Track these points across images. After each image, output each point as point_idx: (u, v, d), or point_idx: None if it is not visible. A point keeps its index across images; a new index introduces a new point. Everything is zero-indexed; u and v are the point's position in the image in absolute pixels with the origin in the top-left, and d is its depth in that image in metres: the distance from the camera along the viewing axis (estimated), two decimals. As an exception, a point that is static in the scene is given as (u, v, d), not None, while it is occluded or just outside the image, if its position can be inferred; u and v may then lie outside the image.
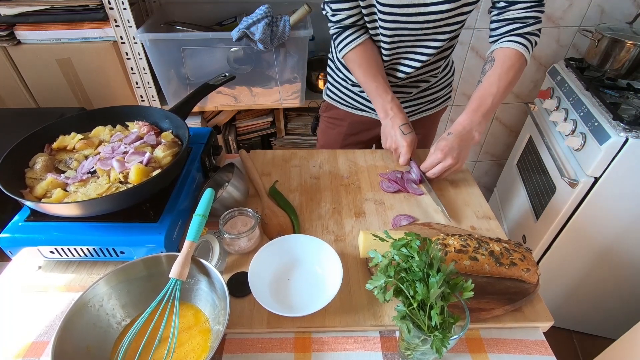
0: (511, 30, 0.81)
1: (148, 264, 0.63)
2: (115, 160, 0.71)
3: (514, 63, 0.81)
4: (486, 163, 2.12)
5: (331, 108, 1.16)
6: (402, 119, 0.90)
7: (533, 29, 0.80)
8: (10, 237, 0.67)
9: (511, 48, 0.80)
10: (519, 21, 0.80)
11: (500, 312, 0.63)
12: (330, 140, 1.20)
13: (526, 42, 0.80)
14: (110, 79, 1.37)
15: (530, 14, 0.79)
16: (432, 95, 1.09)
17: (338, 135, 1.17)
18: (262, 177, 0.94)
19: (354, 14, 0.87)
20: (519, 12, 0.79)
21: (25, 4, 1.21)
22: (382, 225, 0.82)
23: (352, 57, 0.91)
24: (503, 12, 0.81)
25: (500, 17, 0.82)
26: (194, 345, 0.58)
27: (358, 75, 0.93)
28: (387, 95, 0.90)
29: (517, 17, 0.80)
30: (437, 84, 1.07)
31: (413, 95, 1.06)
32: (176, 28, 1.38)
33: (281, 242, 0.72)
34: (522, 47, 0.80)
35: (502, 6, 0.81)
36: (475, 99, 0.83)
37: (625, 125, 1.13)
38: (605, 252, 1.36)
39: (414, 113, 1.12)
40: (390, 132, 0.91)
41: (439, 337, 0.49)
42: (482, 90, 0.82)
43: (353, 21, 0.89)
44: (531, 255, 0.68)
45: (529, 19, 0.79)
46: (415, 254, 0.54)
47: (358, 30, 0.90)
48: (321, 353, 0.60)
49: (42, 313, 0.66)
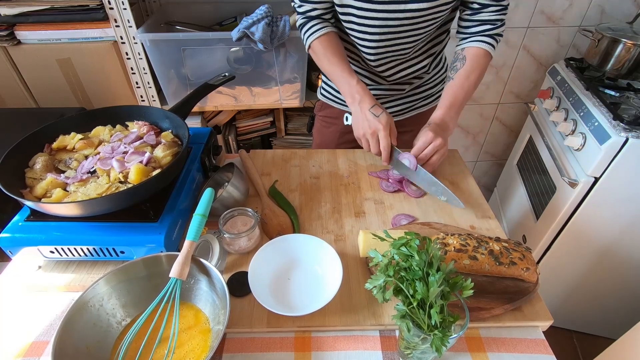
0: (482, 31, 0.87)
1: (148, 263, 0.64)
2: (115, 160, 0.71)
3: (482, 62, 0.88)
4: (486, 163, 2.12)
5: (326, 107, 1.16)
6: (370, 102, 0.86)
7: (500, 31, 0.87)
8: (10, 237, 0.67)
9: (482, 48, 0.87)
10: (489, 23, 0.86)
11: (500, 311, 0.63)
12: (326, 139, 1.20)
13: (494, 42, 0.88)
14: (110, 79, 1.37)
15: (499, 16, 0.85)
16: (426, 92, 1.10)
17: (333, 134, 1.17)
18: (262, 177, 0.94)
19: (320, 7, 0.90)
20: (489, 14, 0.85)
21: (25, 4, 1.21)
22: (382, 224, 0.82)
23: (316, 46, 0.92)
24: (476, 13, 0.86)
25: (473, 18, 0.87)
26: (194, 345, 0.58)
27: (323, 63, 0.93)
28: (352, 79, 0.88)
29: (488, 19, 0.85)
30: (430, 80, 1.08)
31: (406, 92, 1.07)
32: (176, 28, 1.39)
33: (281, 241, 0.72)
34: (491, 47, 0.87)
35: (475, 8, 0.85)
36: (449, 96, 0.88)
37: (625, 125, 1.13)
38: (605, 252, 1.36)
39: (408, 110, 1.12)
40: (361, 118, 0.87)
41: (439, 336, 0.49)
42: (455, 87, 0.88)
43: (318, 14, 0.91)
44: (531, 254, 0.68)
45: (498, 22, 0.86)
46: (415, 253, 0.54)
47: (323, 22, 0.92)
48: (321, 352, 0.60)
49: (42, 313, 0.66)
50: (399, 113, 1.12)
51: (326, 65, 0.92)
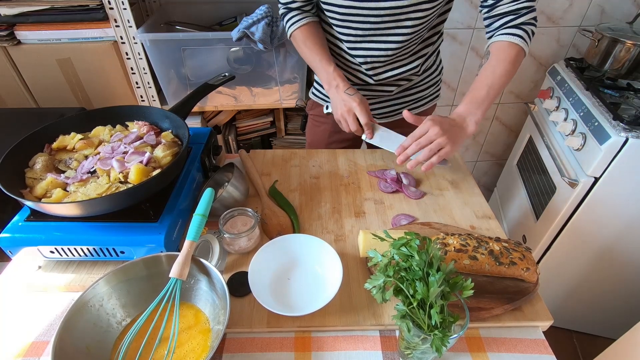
0: (505, 23, 0.81)
1: (148, 263, 0.64)
2: (115, 160, 0.71)
3: (508, 54, 0.80)
4: (486, 163, 2.12)
5: (317, 106, 1.16)
6: (345, 85, 0.88)
7: (527, 19, 0.79)
8: (10, 237, 0.67)
9: (506, 41, 0.80)
10: (511, 14, 0.80)
11: (500, 311, 0.63)
12: (316, 138, 1.19)
13: (521, 32, 0.79)
14: (110, 79, 1.37)
15: (521, 5, 0.78)
16: (417, 94, 1.08)
17: (323, 132, 1.16)
18: (262, 177, 0.94)
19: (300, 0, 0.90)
20: (508, 5, 0.79)
21: (25, 4, 1.21)
22: (382, 224, 0.82)
23: (297, 35, 0.94)
24: (493, 8, 0.80)
25: (492, 14, 0.82)
26: (194, 344, 0.58)
27: (303, 51, 0.95)
28: (329, 66, 0.90)
29: (508, 10, 0.79)
30: (420, 83, 1.06)
31: (394, 93, 1.05)
32: (176, 28, 1.39)
33: (281, 241, 0.72)
34: (517, 37, 0.80)
35: (490, 4, 0.80)
36: (471, 91, 0.83)
37: (625, 125, 1.13)
38: (605, 252, 1.36)
39: (399, 112, 1.10)
40: (338, 100, 0.89)
41: (439, 336, 0.49)
42: (477, 82, 0.83)
43: (298, 5, 0.92)
44: (531, 254, 0.68)
45: (522, 10, 0.79)
46: (415, 253, 0.54)
47: (304, 12, 0.94)
48: (321, 352, 0.60)
49: (42, 313, 0.66)
50: (389, 115, 1.11)
51: (306, 53, 0.94)
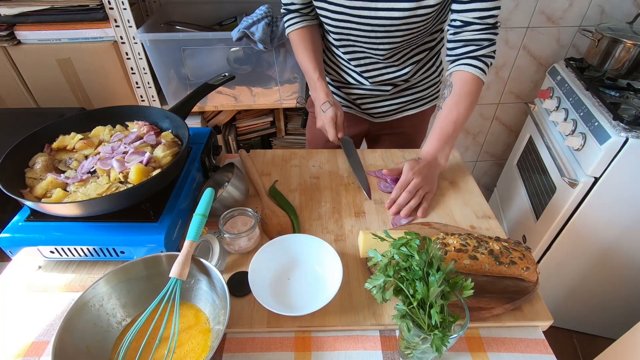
0: (467, 52, 0.82)
1: (148, 263, 0.64)
2: (115, 160, 0.71)
3: (470, 87, 0.83)
4: (486, 163, 2.12)
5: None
6: (323, 98, 0.92)
7: (488, 51, 0.82)
8: (10, 237, 0.67)
9: (467, 72, 0.82)
10: (473, 43, 0.81)
11: (500, 311, 0.63)
12: (316, 134, 1.19)
13: (482, 65, 0.82)
14: (110, 79, 1.37)
15: (485, 36, 0.80)
16: (416, 94, 1.08)
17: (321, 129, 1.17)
18: (262, 177, 0.94)
19: (298, 2, 0.93)
20: (473, 34, 0.80)
21: (25, 4, 1.21)
22: (382, 224, 0.82)
23: (293, 37, 0.98)
24: (459, 32, 0.81)
25: (457, 38, 0.83)
26: (194, 344, 0.58)
27: (296, 54, 0.99)
28: (314, 74, 0.94)
29: (472, 38, 0.81)
30: (419, 84, 1.06)
31: (390, 93, 1.05)
32: (176, 28, 1.39)
33: (281, 241, 0.72)
34: (478, 70, 0.82)
35: (457, 25, 0.81)
36: (437, 128, 0.86)
37: (625, 125, 1.13)
38: (605, 252, 1.36)
39: (398, 111, 1.11)
40: (317, 110, 0.94)
41: (439, 336, 0.49)
42: (444, 118, 0.85)
43: (297, 8, 0.94)
44: (530, 254, 0.68)
45: (484, 41, 0.81)
46: (415, 253, 0.54)
47: (302, 15, 0.96)
48: (321, 352, 0.60)
49: (42, 313, 0.66)
50: (388, 114, 1.11)
51: (298, 56, 0.98)
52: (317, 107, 0.94)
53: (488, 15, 0.78)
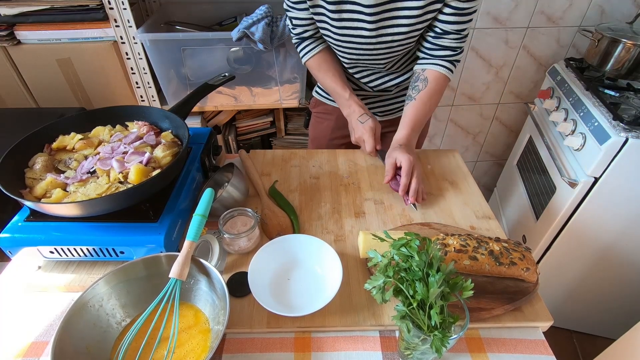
0: (444, 56, 0.89)
1: (148, 264, 0.64)
2: (115, 160, 0.71)
3: (442, 86, 0.92)
4: (486, 163, 2.12)
5: (320, 104, 1.19)
6: (359, 111, 0.96)
7: (458, 57, 0.91)
8: (10, 237, 0.67)
9: (442, 73, 0.90)
10: (450, 49, 0.88)
11: (500, 312, 0.63)
12: (319, 133, 1.23)
13: (453, 68, 0.91)
14: (110, 79, 1.37)
15: (459, 44, 0.88)
16: None
17: (326, 128, 1.20)
18: (262, 177, 0.94)
19: (311, 28, 0.94)
20: (451, 41, 0.87)
21: (25, 4, 1.21)
22: (382, 225, 0.82)
23: (311, 64, 1.00)
24: (438, 38, 0.87)
25: (435, 42, 0.88)
26: (194, 345, 0.58)
27: (319, 79, 1.03)
28: (345, 92, 0.98)
29: (449, 45, 0.88)
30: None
31: (393, 93, 1.10)
32: (176, 28, 1.38)
33: (281, 242, 0.72)
34: (450, 72, 0.91)
35: (438, 32, 0.86)
36: (412, 116, 0.91)
37: (625, 125, 1.13)
38: (605, 252, 1.36)
39: (397, 110, 1.14)
40: (353, 123, 0.98)
41: (439, 337, 0.49)
42: (417, 109, 0.91)
43: (311, 34, 0.96)
44: (530, 254, 0.68)
45: (457, 49, 0.89)
46: (414, 253, 0.54)
47: (316, 40, 0.97)
48: (321, 353, 0.60)
49: (42, 313, 0.66)
50: (388, 113, 1.15)
51: (322, 81, 1.02)
52: (353, 121, 0.97)
53: (464, 28, 0.86)
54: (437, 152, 1.05)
